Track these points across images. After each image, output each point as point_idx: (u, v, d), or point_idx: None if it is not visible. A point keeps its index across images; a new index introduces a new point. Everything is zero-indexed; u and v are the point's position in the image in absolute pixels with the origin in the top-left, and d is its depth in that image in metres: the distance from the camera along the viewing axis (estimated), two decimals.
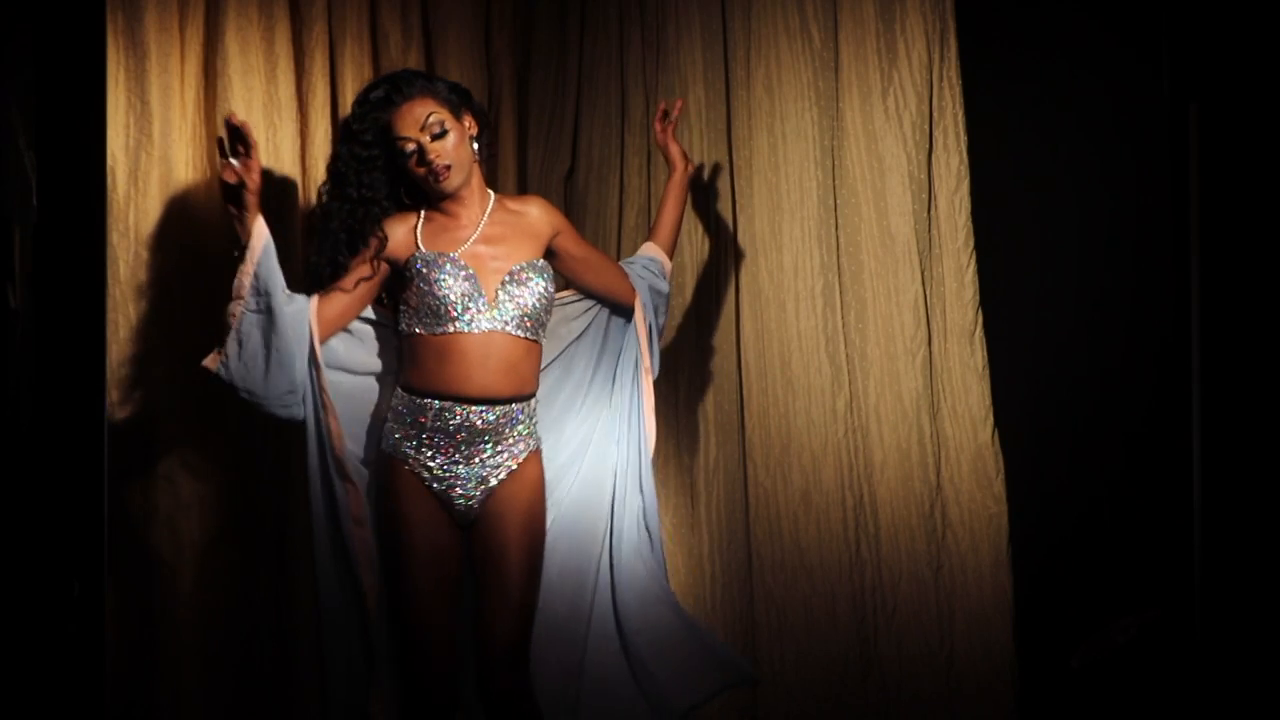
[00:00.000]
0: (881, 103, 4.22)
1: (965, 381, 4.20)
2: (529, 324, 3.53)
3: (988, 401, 4.19)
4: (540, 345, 3.59)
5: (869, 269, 4.21)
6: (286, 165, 4.02)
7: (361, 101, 3.57)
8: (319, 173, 4.04)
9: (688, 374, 4.21)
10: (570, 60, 4.26)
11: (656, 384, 4.20)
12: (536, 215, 3.64)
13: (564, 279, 3.75)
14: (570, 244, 3.68)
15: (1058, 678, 4.09)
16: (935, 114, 4.21)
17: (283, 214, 4.02)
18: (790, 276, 4.21)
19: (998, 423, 4.19)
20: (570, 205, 4.26)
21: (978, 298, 4.20)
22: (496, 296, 3.50)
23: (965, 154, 4.21)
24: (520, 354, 3.53)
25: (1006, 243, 4.26)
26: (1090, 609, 4.17)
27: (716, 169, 4.24)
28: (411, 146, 3.51)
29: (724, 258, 4.23)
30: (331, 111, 4.07)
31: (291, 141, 4.03)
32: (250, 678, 3.96)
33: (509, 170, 4.21)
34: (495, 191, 3.69)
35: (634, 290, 3.79)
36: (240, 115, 3.97)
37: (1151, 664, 3.95)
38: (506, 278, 3.52)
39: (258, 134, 3.99)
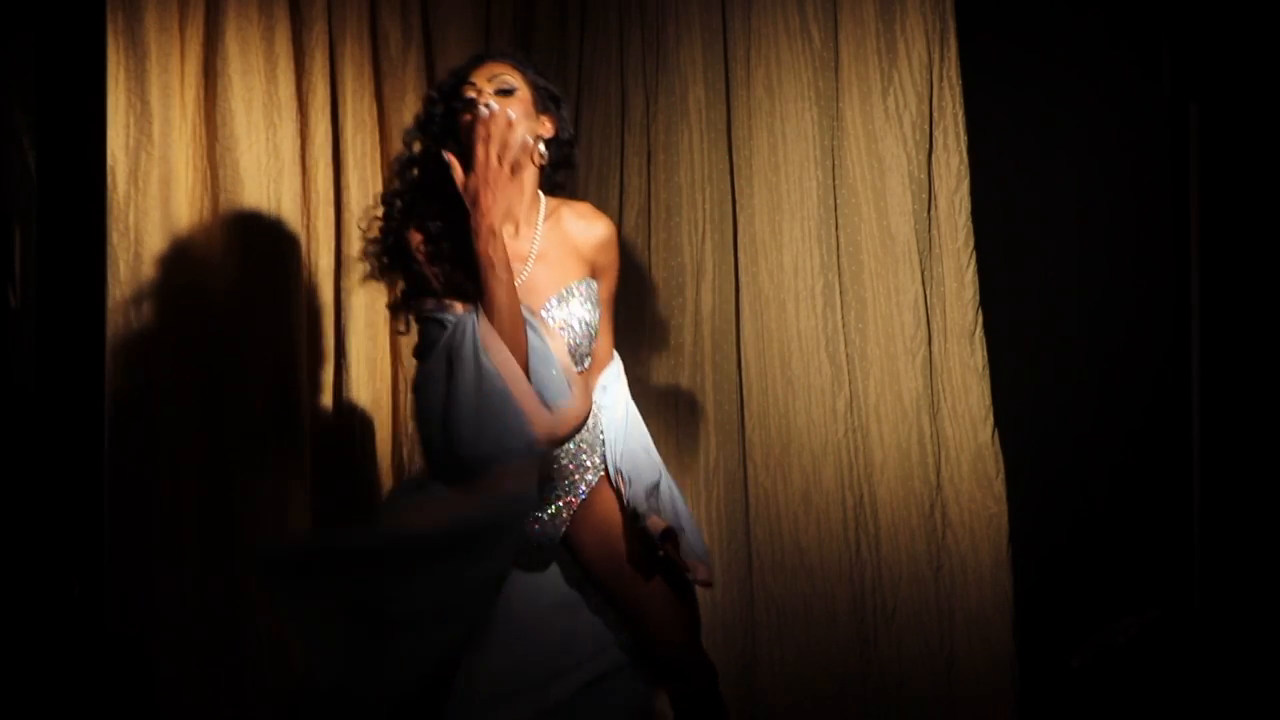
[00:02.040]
0: (881, 103, 4.22)
1: (965, 381, 4.20)
2: (576, 356, 3.30)
3: (988, 401, 4.19)
4: (580, 372, 3.33)
5: (869, 269, 4.22)
6: (286, 165, 4.02)
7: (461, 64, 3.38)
8: (319, 173, 4.05)
9: (688, 374, 4.21)
10: (570, 60, 4.26)
11: (655, 386, 4.21)
12: (594, 244, 3.35)
13: None
14: (603, 292, 3.38)
15: (1058, 678, 4.09)
16: (935, 114, 4.21)
17: (283, 215, 4.02)
18: (790, 276, 4.21)
19: (998, 423, 4.19)
20: None
21: (978, 298, 4.20)
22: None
23: (965, 154, 4.21)
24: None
25: (1006, 243, 4.26)
26: (1090, 609, 4.17)
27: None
28: (472, 92, 3.26)
29: (724, 258, 4.23)
30: (331, 111, 4.07)
31: (292, 141, 4.03)
32: (250, 678, 3.96)
33: None
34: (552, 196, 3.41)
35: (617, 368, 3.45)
36: (240, 115, 3.98)
37: (1151, 664, 3.95)
38: (553, 304, 3.28)
39: (258, 134, 4.00)
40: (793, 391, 4.20)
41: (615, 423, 3.38)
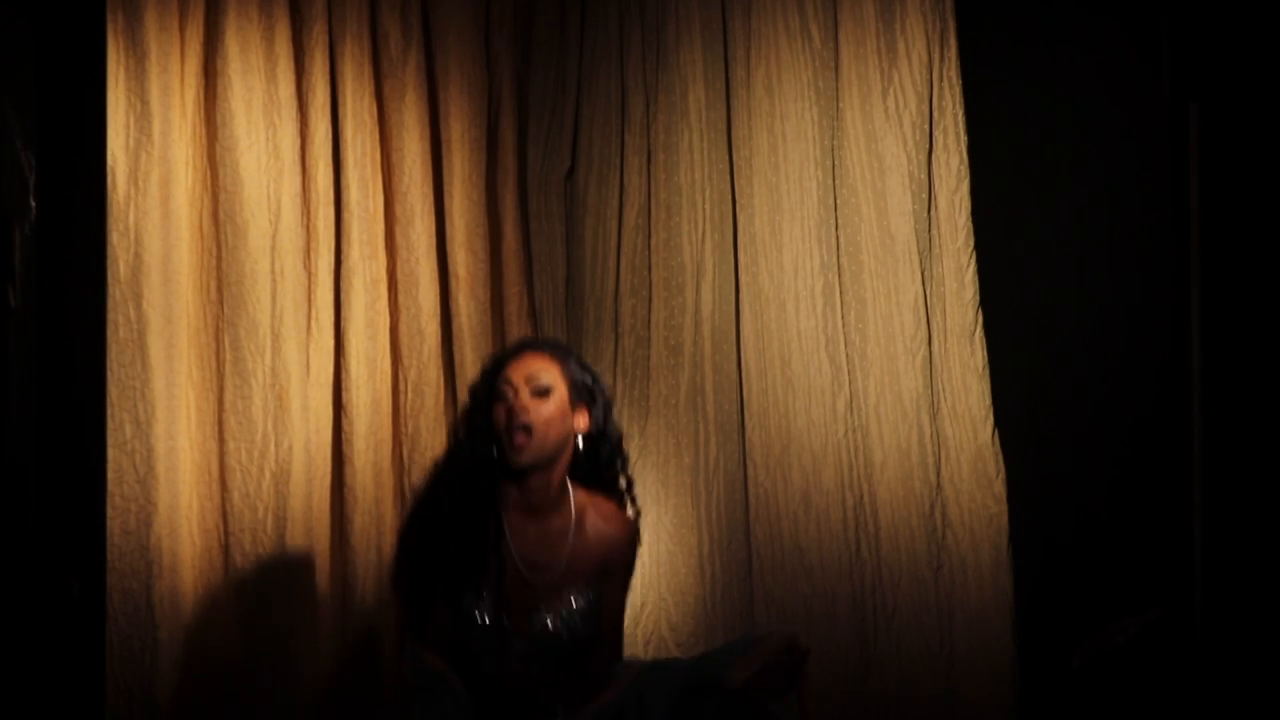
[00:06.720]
0: (881, 103, 4.22)
1: (965, 381, 4.20)
2: (574, 646, 3.32)
3: (988, 401, 4.19)
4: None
5: (869, 269, 4.22)
6: (286, 165, 4.02)
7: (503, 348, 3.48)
8: (319, 173, 4.05)
9: (688, 374, 4.21)
10: (570, 60, 4.26)
11: (655, 386, 4.21)
12: (608, 548, 3.40)
13: None
14: (608, 595, 3.40)
15: (1058, 678, 4.09)
16: (935, 114, 4.21)
17: (282, 215, 4.02)
18: (790, 276, 4.22)
19: (998, 423, 4.19)
20: (570, 205, 4.26)
21: (978, 298, 4.20)
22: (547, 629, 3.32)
23: (965, 154, 4.21)
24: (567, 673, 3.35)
25: (1006, 243, 4.26)
26: (1090, 609, 4.17)
27: None
28: (509, 390, 3.30)
29: (724, 258, 4.23)
30: (331, 111, 4.07)
31: (291, 141, 4.03)
32: (250, 678, 3.96)
33: (509, 170, 4.21)
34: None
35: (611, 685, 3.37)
36: (240, 115, 3.98)
37: (1151, 664, 3.95)
38: (564, 613, 3.32)
39: (258, 134, 4.00)
40: (793, 391, 4.20)
41: None
